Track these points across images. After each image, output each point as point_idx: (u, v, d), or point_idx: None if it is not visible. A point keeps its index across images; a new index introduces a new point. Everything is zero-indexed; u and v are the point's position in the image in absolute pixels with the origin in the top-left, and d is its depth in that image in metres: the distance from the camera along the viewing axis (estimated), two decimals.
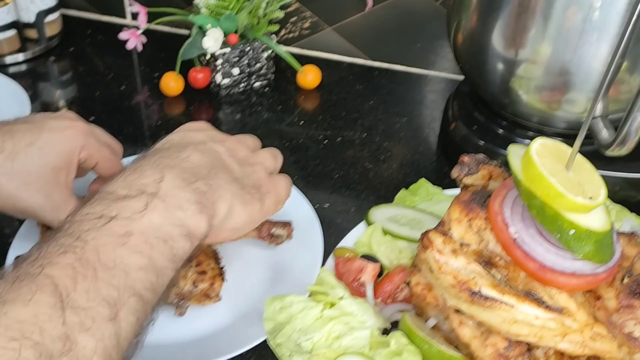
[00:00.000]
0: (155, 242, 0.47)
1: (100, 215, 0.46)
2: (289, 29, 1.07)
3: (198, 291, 0.65)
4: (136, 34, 0.98)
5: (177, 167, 0.51)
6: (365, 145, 0.91)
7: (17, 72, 1.03)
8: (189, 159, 0.53)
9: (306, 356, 0.60)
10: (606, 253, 0.54)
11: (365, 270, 0.67)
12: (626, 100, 0.65)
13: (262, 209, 0.58)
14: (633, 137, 0.62)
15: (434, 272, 0.57)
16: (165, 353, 0.62)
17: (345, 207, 0.80)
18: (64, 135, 0.62)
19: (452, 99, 0.90)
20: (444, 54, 1.03)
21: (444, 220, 0.59)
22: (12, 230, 0.74)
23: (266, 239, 0.71)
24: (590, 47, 0.68)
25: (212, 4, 0.94)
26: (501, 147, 0.80)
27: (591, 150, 0.65)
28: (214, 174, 0.54)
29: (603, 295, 0.56)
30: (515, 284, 0.56)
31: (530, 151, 0.54)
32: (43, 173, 0.61)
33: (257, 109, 0.98)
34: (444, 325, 0.60)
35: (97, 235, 0.44)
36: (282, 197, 0.62)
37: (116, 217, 0.46)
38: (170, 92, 0.98)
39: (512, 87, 0.76)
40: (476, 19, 0.77)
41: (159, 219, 0.47)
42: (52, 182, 0.61)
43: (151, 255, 0.46)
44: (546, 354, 0.56)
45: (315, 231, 0.73)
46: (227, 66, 0.97)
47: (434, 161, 0.89)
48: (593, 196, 0.53)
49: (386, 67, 1.06)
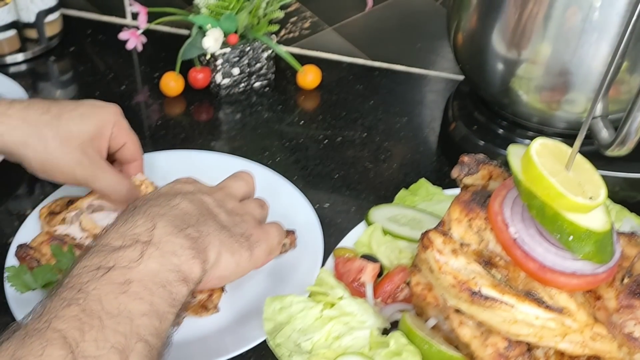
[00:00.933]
0: (154, 288, 0.48)
1: (98, 267, 0.47)
2: (289, 29, 1.07)
3: (196, 302, 0.64)
4: (136, 34, 0.98)
5: (168, 215, 0.53)
6: (365, 145, 0.91)
7: (17, 72, 1.03)
8: (179, 206, 0.55)
9: (306, 356, 0.60)
10: (606, 253, 0.54)
11: (365, 270, 0.67)
12: (626, 100, 0.65)
13: (251, 258, 0.58)
14: (633, 137, 0.62)
15: (434, 272, 0.57)
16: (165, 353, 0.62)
17: (345, 207, 0.80)
18: (101, 110, 0.70)
19: (452, 99, 0.90)
20: (444, 54, 1.03)
21: (444, 220, 0.59)
22: (12, 230, 0.74)
23: None
24: (590, 47, 0.68)
25: (212, 4, 0.94)
26: (501, 147, 0.80)
27: (591, 150, 0.65)
28: (202, 221, 0.55)
29: (603, 296, 0.56)
30: (515, 284, 0.56)
31: (530, 151, 0.54)
32: (82, 135, 0.67)
33: (257, 109, 0.98)
34: (444, 325, 0.60)
35: (97, 286, 0.46)
36: (274, 245, 0.62)
37: (114, 267, 0.47)
38: (170, 92, 0.98)
39: (512, 87, 0.76)
40: (476, 19, 0.77)
41: (156, 266, 0.49)
42: (87, 143, 0.68)
43: (152, 301, 0.47)
44: (546, 354, 0.56)
45: (315, 231, 0.73)
46: (227, 66, 0.97)
47: (434, 161, 0.89)
48: (593, 196, 0.53)
49: (386, 67, 1.06)
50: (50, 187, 0.80)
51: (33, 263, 0.66)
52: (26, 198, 0.81)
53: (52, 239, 0.68)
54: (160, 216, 0.52)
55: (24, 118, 0.66)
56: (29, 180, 0.83)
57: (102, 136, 0.69)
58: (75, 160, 0.67)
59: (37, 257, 0.67)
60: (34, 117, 0.66)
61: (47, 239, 0.68)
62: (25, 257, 0.67)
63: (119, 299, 0.45)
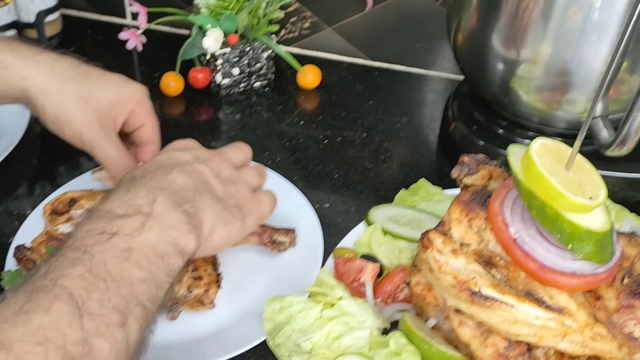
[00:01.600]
0: (153, 258, 0.50)
1: (102, 232, 0.49)
2: (289, 29, 1.07)
3: (192, 297, 0.65)
4: (136, 34, 0.98)
5: (167, 190, 0.55)
6: (365, 145, 0.91)
7: None
8: (176, 181, 0.57)
9: (305, 356, 0.60)
10: (606, 253, 0.54)
11: (365, 270, 0.67)
12: (626, 100, 0.65)
13: (242, 228, 0.60)
14: (633, 137, 0.62)
15: (434, 272, 0.57)
16: (165, 353, 0.62)
17: (345, 207, 0.80)
18: (128, 84, 0.69)
19: (452, 99, 0.90)
20: (444, 54, 1.03)
21: (444, 220, 0.59)
22: (11, 230, 0.74)
23: (268, 245, 0.71)
24: (590, 47, 0.68)
25: (212, 4, 0.94)
26: (501, 147, 0.80)
27: (591, 150, 0.65)
28: (199, 196, 0.57)
29: (603, 296, 0.56)
30: (515, 284, 0.56)
31: (530, 151, 0.54)
32: (102, 100, 0.67)
33: (257, 109, 0.98)
34: (444, 325, 0.60)
35: (102, 250, 0.48)
36: (265, 213, 0.64)
37: (117, 233, 0.50)
38: (170, 92, 0.98)
39: (512, 87, 0.76)
40: (476, 19, 0.77)
41: (155, 238, 0.51)
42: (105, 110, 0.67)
43: (150, 269, 0.50)
44: (546, 354, 0.56)
45: (315, 231, 0.73)
46: (227, 66, 0.97)
47: (434, 161, 0.89)
48: (593, 196, 0.53)
49: (386, 67, 1.06)
50: (50, 187, 0.80)
51: (30, 264, 0.66)
52: (26, 198, 0.81)
53: (49, 239, 0.68)
54: (161, 190, 0.54)
55: (52, 67, 0.66)
56: (29, 180, 0.83)
57: (122, 108, 0.68)
58: (88, 121, 0.66)
59: (35, 258, 0.67)
60: (62, 68, 0.66)
61: (46, 239, 0.68)
62: (23, 258, 0.67)
63: (122, 264, 0.48)
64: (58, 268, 0.46)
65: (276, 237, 0.71)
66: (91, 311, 0.44)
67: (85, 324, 0.43)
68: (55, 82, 0.66)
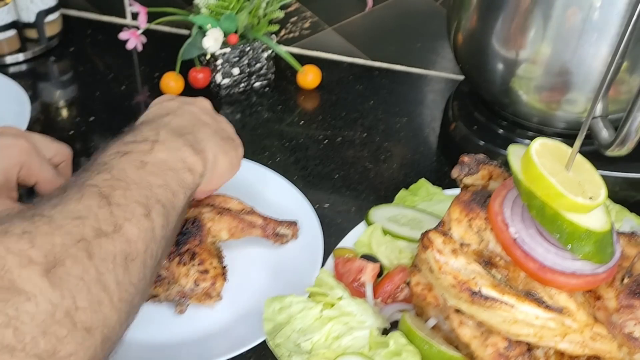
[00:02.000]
0: (166, 170, 0.55)
1: (117, 152, 0.54)
2: (289, 29, 1.07)
3: (199, 290, 0.65)
4: (136, 34, 0.98)
5: (168, 126, 0.60)
6: (365, 145, 0.91)
7: (17, 72, 1.03)
8: (172, 122, 0.61)
9: (305, 356, 0.60)
10: (606, 253, 0.54)
11: (365, 270, 0.67)
12: (626, 100, 0.65)
13: (237, 156, 0.65)
14: (633, 137, 0.62)
15: (434, 272, 0.57)
16: (165, 353, 0.63)
17: (345, 207, 0.80)
18: (2, 154, 0.63)
19: (452, 99, 0.90)
20: (444, 54, 1.03)
21: (444, 220, 0.59)
22: None
23: (271, 237, 0.71)
24: (590, 47, 0.68)
25: (212, 4, 0.94)
26: (501, 147, 0.80)
27: (591, 150, 0.65)
28: (197, 130, 0.61)
29: (603, 296, 0.56)
30: (515, 284, 0.56)
31: (530, 151, 0.54)
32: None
33: (257, 109, 0.98)
34: (444, 325, 0.60)
35: (119, 162, 0.52)
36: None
37: (130, 152, 0.54)
38: (171, 92, 0.98)
39: (512, 87, 0.76)
40: (476, 19, 0.77)
41: (165, 156, 0.55)
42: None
43: (165, 178, 0.54)
44: (546, 354, 0.56)
45: (315, 231, 0.73)
46: (227, 66, 0.97)
47: (434, 161, 0.89)
48: (593, 196, 0.53)
49: (386, 67, 1.06)
50: None
51: None
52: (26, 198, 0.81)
53: None
54: (162, 126, 0.59)
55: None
56: None
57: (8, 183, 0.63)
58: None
59: None
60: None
61: None
62: None
63: (139, 172, 0.52)
64: (84, 177, 0.50)
65: (279, 230, 0.71)
66: (118, 202, 0.48)
67: (114, 211, 0.47)
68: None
